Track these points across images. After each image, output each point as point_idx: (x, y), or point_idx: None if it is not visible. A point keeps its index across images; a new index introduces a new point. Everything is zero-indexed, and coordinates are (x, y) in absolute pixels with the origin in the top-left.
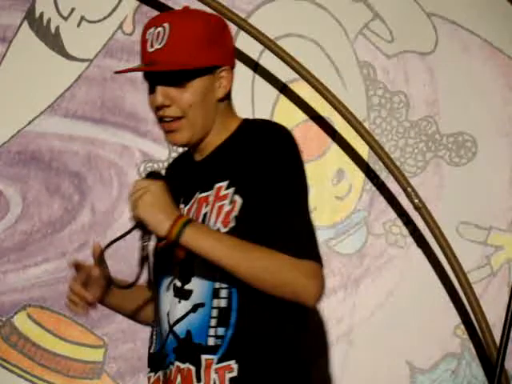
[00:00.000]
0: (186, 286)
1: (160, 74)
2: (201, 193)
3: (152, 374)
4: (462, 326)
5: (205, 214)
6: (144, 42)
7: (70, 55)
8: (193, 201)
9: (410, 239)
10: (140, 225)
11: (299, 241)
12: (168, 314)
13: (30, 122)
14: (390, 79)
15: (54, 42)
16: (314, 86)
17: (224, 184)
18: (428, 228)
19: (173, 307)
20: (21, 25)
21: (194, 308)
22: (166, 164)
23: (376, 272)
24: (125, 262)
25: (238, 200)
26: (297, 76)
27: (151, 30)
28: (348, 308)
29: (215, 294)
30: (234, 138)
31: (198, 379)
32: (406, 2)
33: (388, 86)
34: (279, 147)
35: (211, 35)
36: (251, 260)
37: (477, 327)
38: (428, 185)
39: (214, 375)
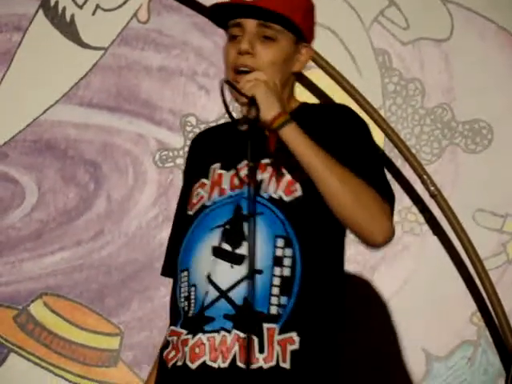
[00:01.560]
0: (238, 251)
1: (256, 17)
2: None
3: (190, 337)
4: (478, 314)
5: (261, 181)
6: None
7: (85, 43)
8: (240, 166)
9: (425, 227)
10: (251, 104)
11: (385, 183)
12: (209, 277)
13: (45, 111)
14: (406, 66)
15: (69, 30)
16: (329, 74)
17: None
18: (444, 215)
19: (220, 271)
20: (36, 13)
21: (251, 274)
22: (181, 152)
23: (392, 259)
24: (141, 251)
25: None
26: (312, 64)
27: None
28: (364, 296)
29: (277, 261)
30: (295, 114)
31: (261, 350)
32: None
33: (403, 73)
34: (349, 110)
35: (310, 6)
36: (343, 175)
37: (493, 314)
38: (444, 172)
39: (277, 347)
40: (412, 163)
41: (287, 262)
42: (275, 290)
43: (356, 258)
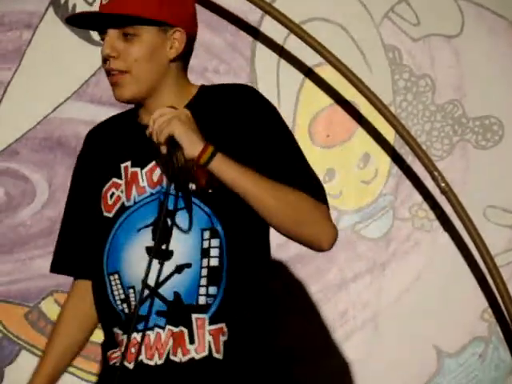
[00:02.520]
0: (165, 247)
1: (110, 25)
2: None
3: (125, 337)
4: (490, 310)
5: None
6: None
7: (96, 41)
8: (152, 164)
9: (436, 223)
10: (170, 143)
11: (314, 182)
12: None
13: (55, 108)
14: (416, 62)
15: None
16: (339, 70)
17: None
18: (454, 212)
19: (148, 269)
20: (46, 11)
21: (179, 269)
22: None
23: (402, 256)
24: None
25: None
26: (322, 60)
27: None
28: (374, 292)
29: (205, 253)
30: (197, 100)
31: (191, 341)
32: None
33: (414, 69)
34: (256, 97)
35: None
36: (277, 192)
37: (504, 311)
38: (454, 168)
39: (208, 337)
40: (422, 159)
41: (214, 252)
42: (203, 281)
43: (366, 254)
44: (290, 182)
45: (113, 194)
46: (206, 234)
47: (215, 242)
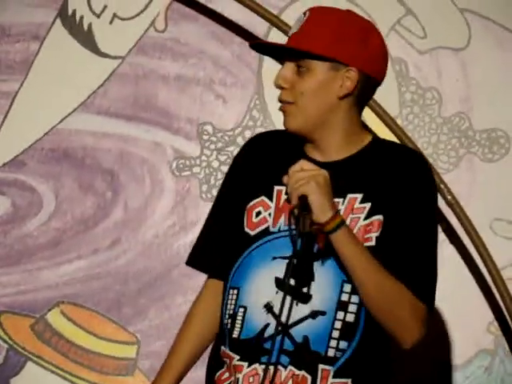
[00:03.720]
0: (305, 290)
1: (287, 57)
2: None
3: (245, 364)
4: (496, 323)
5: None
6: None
7: (103, 52)
8: None
9: (442, 236)
10: (302, 203)
11: (427, 281)
12: (272, 308)
13: (62, 120)
14: (423, 75)
15: (86, 39)
16: None
17: (358, 196)
18: (461, 224)
19: (284, 306)
20: (54, 22)
21: (314, 314)
22: (198, 161)
23: None
24: (158, 260)
25: (379, 218)
26: None
27: (299, 17)
28: None
29: (342, 306)
30: (369, 151)
31: None
32: None
33: (420, 82)
34: (425, 174)
35: (345, 32)
36: (382, 283)
37: (510, 324)
38: (461, 181)
39: None
40: None
41: (352, 308)
42: (335, 334)
43: None
44: (401, 269)
45: (259, 212)
46: (347, 288)
47: (355, 299)
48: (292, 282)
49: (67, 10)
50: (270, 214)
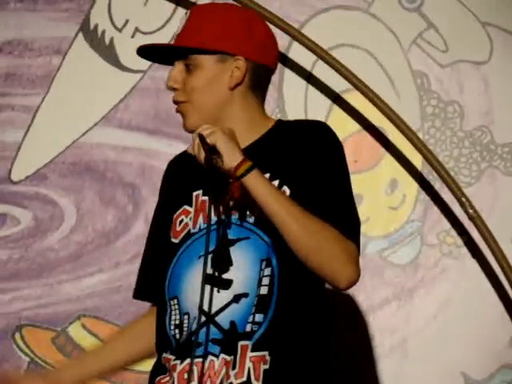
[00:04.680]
0: (225, 276)
1: (174, 57)
2: None
3: (178, 362)
4: None
5: (246, 205)
6: None
7: (124, 66)
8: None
9: (464, 250)
10: (211, 152)
11: (350, 221)
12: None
13: (84, 133)
14: (444, 89)
15: (108, 53)
16: (367, 96)
17: (266, 176)
18: (483, 238)
19: (207, 296)
20: (76, 36)
21: (237, 298)
22: None
23: (430, 283)
24: None
25: (286, 190)
26: (350, 86)
27: (183, 17)
28: (402, 319)
29: (259, 282)
30: (272, 133)
31: (234, 366)
32: (461, 12)
33: (442, 95)
34: (324, 135)
35: (228, 23)
36: (304, 220)
37: None
38: (482, 195)
39: (249, 363)
40: (450, 186)
41: (265, 280)
42: (253, 309)
43: (394, 280)
44: (326, 215)
45: (182, 220)
46: (263, 265)
47: (267, 271)
48: (210, 271)
49: (89, 25)
50: (190, 219)
